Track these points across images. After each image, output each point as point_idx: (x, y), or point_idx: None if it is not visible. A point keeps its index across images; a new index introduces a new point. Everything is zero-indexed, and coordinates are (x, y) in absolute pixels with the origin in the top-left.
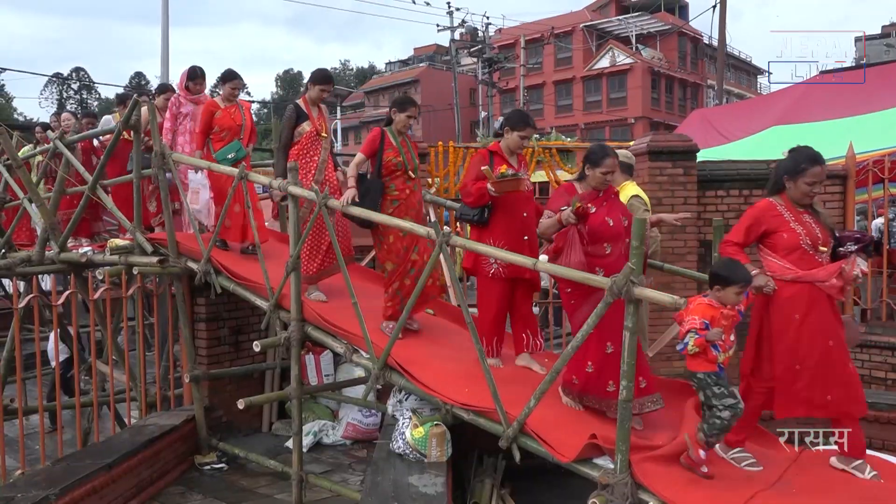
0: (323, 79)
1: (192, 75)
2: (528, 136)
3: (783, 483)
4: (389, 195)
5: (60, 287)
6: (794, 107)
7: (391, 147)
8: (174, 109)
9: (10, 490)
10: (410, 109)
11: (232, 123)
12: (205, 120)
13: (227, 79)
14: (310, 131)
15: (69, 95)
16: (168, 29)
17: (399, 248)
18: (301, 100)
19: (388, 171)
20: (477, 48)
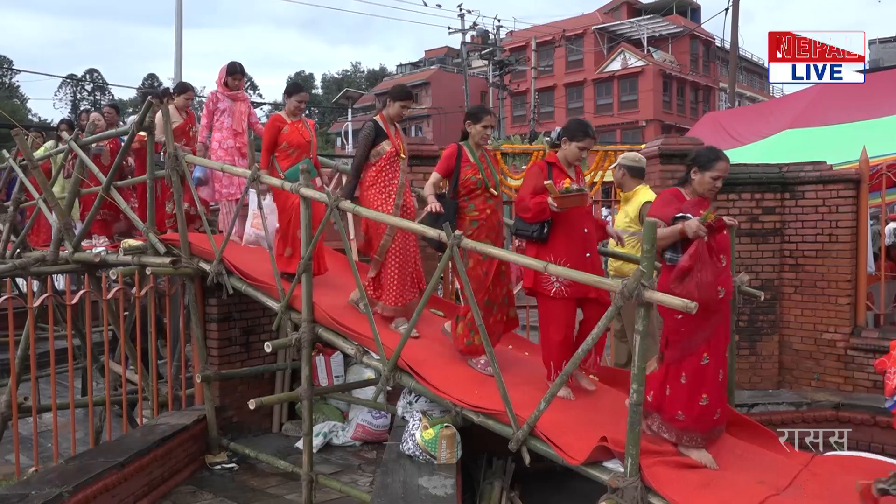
0: (404, 95)
1: (232, 70)
2: (588, 147)
3: (794, 488)
4: (468, 215)
5: (74, 287)
6: (806, 110)
7: (469, 163)
8: (211, 106)
9: (24, 487)
10: (486, 118)
11: (301, 140)
12: (270, 136)
13: (292, 92)
14: (389, 151)
15: (83, 97)
16: (182, 31)
17: (479, 273)
18: (379, 117)
19: (467, 189)
20: (488, 51)
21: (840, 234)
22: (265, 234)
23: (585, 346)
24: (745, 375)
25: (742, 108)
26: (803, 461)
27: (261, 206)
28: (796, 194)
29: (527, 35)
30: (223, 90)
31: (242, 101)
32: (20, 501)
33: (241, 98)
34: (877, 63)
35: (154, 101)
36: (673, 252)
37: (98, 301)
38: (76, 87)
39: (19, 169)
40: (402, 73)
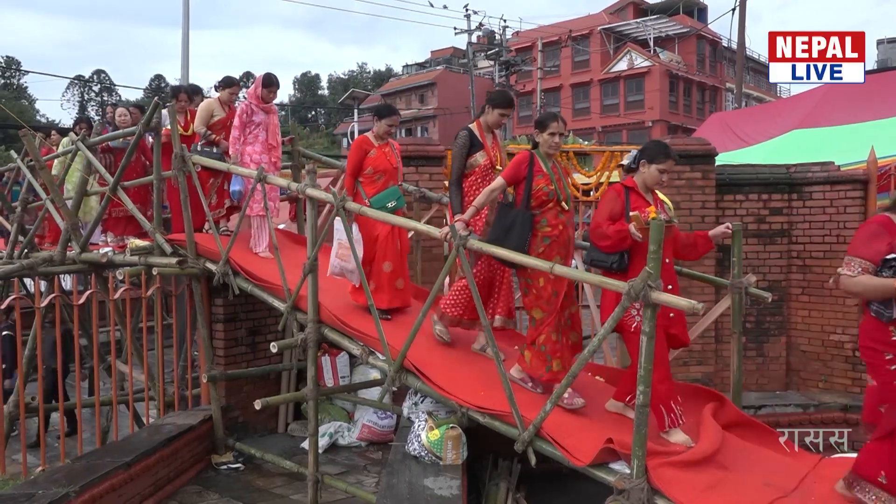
0: (505, 102)
1: (268, 83)
2: (669, 169)
3: (801, 491)
4: (540, 231)
5: (81, 287)
6: (814, 111)
7: (542, 173)
8: (244, 118)
9: (31, 487)
10: (552, 125)
11: (388, 165)
12: (356, 159)
13: (384, 114)
14: (484, 164)
15: (90, 97)
16: (188, 31)
17: (549, 293)
18: (475, 124)
19: (539, 202)
20: (494, 51)
21: (848, 235)
22: (351, 268)
23: (591, 348)
24: (752, 377)
25: (749, 108)
26: (811, 463)
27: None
28: (804, 195)
29: (533, 35)
30: (257, 102)
31: (274, 113)
32: (27, 501)
33: (273, 111)
34: (884, 63)
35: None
36: (882, 306)
37: (105, 301)
38: (83, 87)
39: (27, 169)
40: (408, 73)
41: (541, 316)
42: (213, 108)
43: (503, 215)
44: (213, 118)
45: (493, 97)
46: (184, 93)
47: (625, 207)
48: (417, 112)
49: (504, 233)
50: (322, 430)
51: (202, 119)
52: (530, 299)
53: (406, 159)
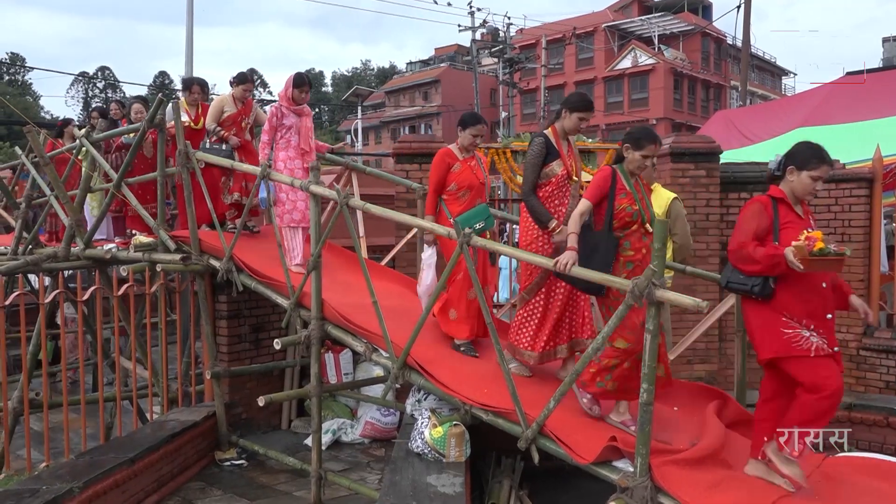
0: (583, 105)
1: (299, 82)
2: (824, 176)
3: (806, 489)
4: (623, 255)
5: (85, 283)
6: (819, 108)
7: (625, 191)
8: (274, 121)
9: (35, 482)
10: (649, 147)
11: (473, 180)
12: (439, 175)
13: (468, 123)
14: (560, 174)
15: (94, 94)
16: (193, 28)
17: (634, 321)
18: (549, 130)
19: (622, 223)
20: (498, 48)
21: (853, 233)
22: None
23: (595, 346)
24: (756, 375)
25: (754, 106)
26: (815, 462)
27: None
28: None
29: (537, 33)
30: (288, 104)
31: (307, 115)
32: (31, 496)
33: (307, 113)
34: (890, 61)
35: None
36: None
37: (109, 297)
38: (88, 84)
39: (31, 165)
40: (411, 70)
41: (624, 346)
42: (225, 103)
43: (583, 237)
44: (224, 114)
45: (571, 100)
46: (197, 84)
47: (773, 223)
48: (421, 109)
49: (585, 257)
50: (325, 427)
51: (213, 116)
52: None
53: (410, 157)
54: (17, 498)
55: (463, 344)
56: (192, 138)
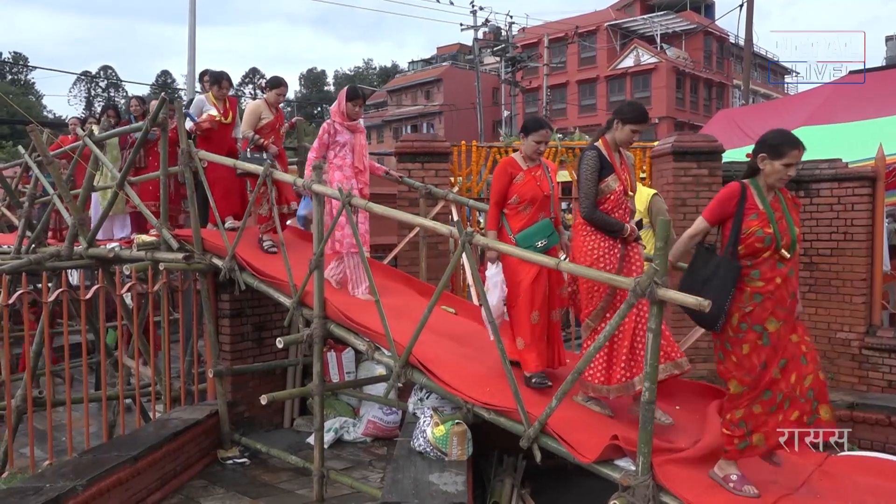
0: (637, 116)
1: (353, 95)
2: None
3: (807, 489)
4: (749, 285)
5: (88, 282)
6: (822, 107)
7: (756, 211)
8: (326, 138)
9: (39, 480)
10: (791, 154)
11: (537, 192)
12: (499, 186)
13: (530, 129)
14: (616, 191)
15: (97, 94)
16: (195, 28)
17: (754, 363)
18: (601, 142)
19: (750, 249)
20: (500, 47)
21: (855, 232)
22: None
23: (597, 344)
24: None
25: (756, 105)
26: (817, 461)
27: None
28: (811, 192)
29: (539, 31)
30: (342, 120)
31: (361, 132)
32: (35, 494)
33: (360, 129)
34: (893, 60)
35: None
36: None
37: (112, 296)
38: (90, 83)
39: (34, 165)
40: (414, 69)
41: (739, 390)
42: (261, 110)
43: (700, 262)
44: (262, 121)
45: (624, 111)
46: (226, 80)
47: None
48: (423, 108)
49: (700, 284)
50: (327, 426)
51: (249, 122)
52: (727, 367)
53: (412, 156)
54: (21, 495)
55: (534, 376)
56: (222, 132)
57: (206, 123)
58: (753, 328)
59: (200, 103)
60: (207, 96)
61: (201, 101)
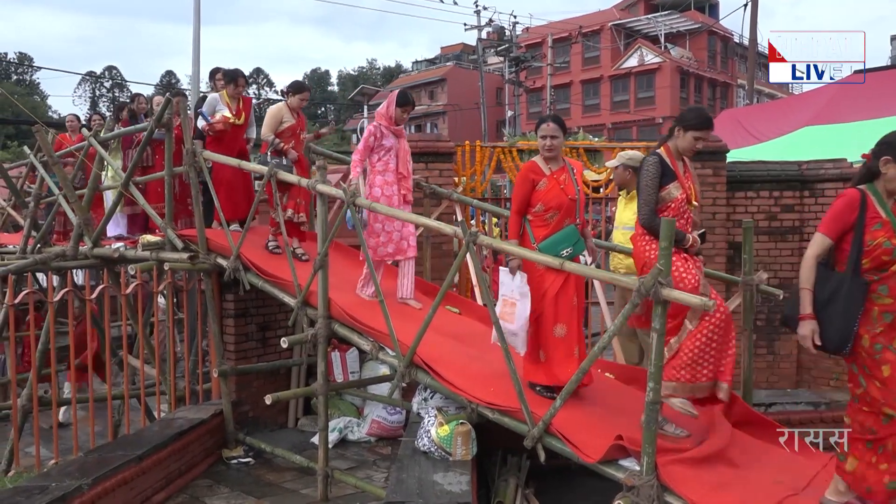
0: (701, 123)
1: (403, 101)
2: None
3: (813, 489)
4: (877, 303)
5: (93, 282)
6: (826, 107)
7: (879, 221)
8: (371, 141)
9: (44, 479)
10: None
11: (562, 198)
12: (522, 193)
13: (537, 125)
14: (679, 198)
15: (101, 93)
16: (199, 28)
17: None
18: (663, 150)
19: (876, 262)
20: (504, 47)
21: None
22: (514, 329)
23: (601, 345)
24: (762, 375)
25: (761, 104)
26: (822, 461)
27: None
28: (816, 192)
29: (543, 31)
30: (388, 124)
31: (404, 137)
32: (41, 493)
33: (404, 134)
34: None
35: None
36: None
37: (117, 296)
38: (95, 84)
39: (40, 165)
40: (417, 69)
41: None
42: (283, 114)
43: (820, 281)
44: (283, 125)
45: (687, 118)
46: (242, 77)
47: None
48: (427, 108)
49: (822, 305)
50: (332, 426)
51: (270, 126)
52: (871, 397)
53: (416, 156)
54: (27, 494)
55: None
56: (234, 133)
57: (220, 125)
58: (889, 348)
59: (214, 102)
60: (221, 95)
61: (215, 100)
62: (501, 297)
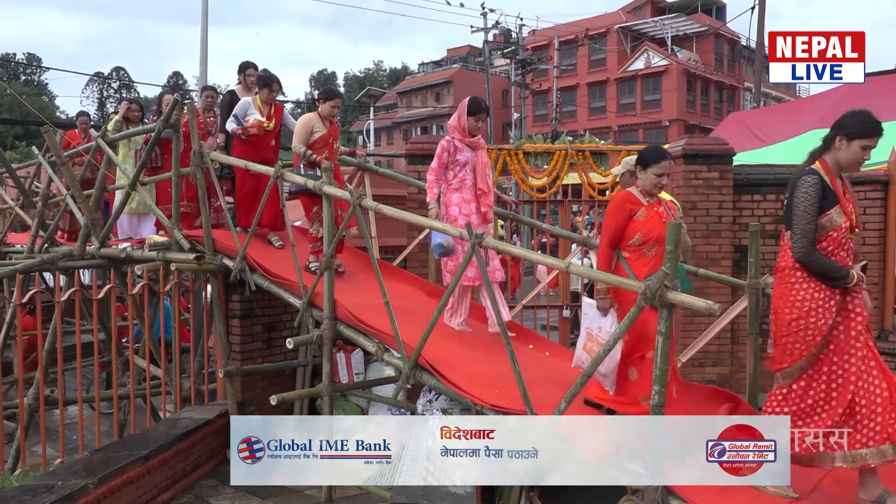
0: (867, 127)
1: (475, 109)
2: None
3: (819, 493)
4: None
5: (100, 282)
6: (834, 110)
7: None
8: (445, 157)
9: (51, 478)
10: None
11: (664, 230)
12: (617, 224)
13: (649, 161)
14: (842, 227)
15: (109, 94)
16: (207, 29)
17: None
18: (819, 165)
19: None
20: (510, 49)
21: (867, 236)
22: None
23: (607, 348)
24: (767, 378)
25: (768, 107)
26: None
27: None
28: None
29: (549, 34)
30: (462, 136)
31: (482, 148)
32: (47, 492)
33: (482, 145)
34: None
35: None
36: None
37: (123, 296)
38: (103, 84)
39: (48, 165)
40: (424, 71)
41: None
42: (314, 123)
43: None
44: (314, 135)
45: (848, 124)
46: (276, 83)
47: None
48: (433, 110)
49: None
50: None
51: (301, 137)
52: None
53: (422, 157)
54: (34, 493)
55: None
56: (263, 138)
57: (254, 129)
58: None
59: (246, 105)
60: (254, 99)
61: (247, 104)
62: (585, 330)
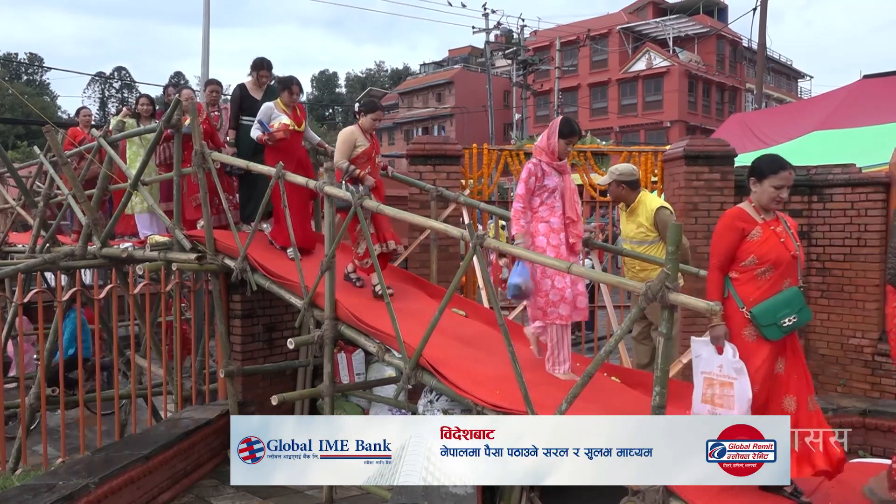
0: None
1: (569, 131)
2: None
3: (821, 494)
4: None
5: (102, 282)
6: (836, 112)
7: None
8: (532, 182)
9: (52, 478)
10: None
11: (783, 253)
12: (728, 244)
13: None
14: None
15: (110, 94)
16: (209, 29)
17: None
18: None
19: None
20: (512, 50)
21: (869, 238)
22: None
23: (608, 348)
24: None
25: (769, 109)
26: None
27: None
28: (824, 197)
29: (551, 34)
30: (550, 159)
31: (569, 173)
32: (48, 491)
33: (568, 170)
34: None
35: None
36: None
37: (125, 296)
38: (104, 84)
39: (49, 165)
40: (425, 72)
41: None
42: (356, 137)
43: None
44: (356, 149)
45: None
46: (296, 84)
47: None
48: (435, 111)
49: None
50: None
51: (343, 152)
52: None
53: (423, 158)
54: (35, 492)
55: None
56: (293, 140)
57: (281, 133)
58: None
59: (269, 110)
60: (276, 103)
61: (270, 108)
62: (702, 376)
